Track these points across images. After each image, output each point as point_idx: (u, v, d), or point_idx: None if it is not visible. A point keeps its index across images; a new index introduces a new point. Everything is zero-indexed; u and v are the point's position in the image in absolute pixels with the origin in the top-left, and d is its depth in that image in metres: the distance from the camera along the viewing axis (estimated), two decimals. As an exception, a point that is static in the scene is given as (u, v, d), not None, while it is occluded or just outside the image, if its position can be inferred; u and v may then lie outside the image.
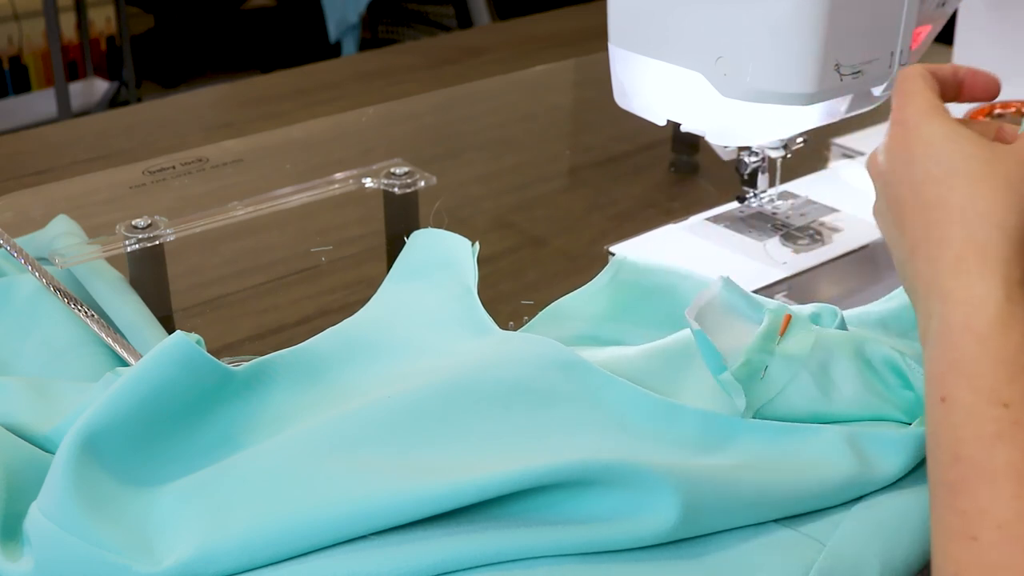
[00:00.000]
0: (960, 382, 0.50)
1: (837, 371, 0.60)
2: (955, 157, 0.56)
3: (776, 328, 0.61)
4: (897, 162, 0.59)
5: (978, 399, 0.49)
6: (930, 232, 0.55)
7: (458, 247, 0.74)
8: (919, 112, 0.59)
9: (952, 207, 0.54)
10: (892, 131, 0.60)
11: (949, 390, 0.50)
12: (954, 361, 0.51)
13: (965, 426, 0.49)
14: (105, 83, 3.02)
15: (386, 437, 0.56)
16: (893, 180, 0.59)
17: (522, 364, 0.61)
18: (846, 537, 0.54)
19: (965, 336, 0.51)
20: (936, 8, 0.82)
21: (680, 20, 0.76)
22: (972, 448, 0.48)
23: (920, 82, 0.61)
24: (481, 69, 1.43)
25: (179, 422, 0.57)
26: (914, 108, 0.59)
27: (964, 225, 0.54)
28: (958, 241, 0.54)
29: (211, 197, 0.97)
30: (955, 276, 0.53)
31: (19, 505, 0.55)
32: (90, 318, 0.72)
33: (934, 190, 0.56)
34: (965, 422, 0.49)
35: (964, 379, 0.50)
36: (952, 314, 0.52)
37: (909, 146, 0.58)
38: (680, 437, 0.58)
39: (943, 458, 0.49)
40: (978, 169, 0.55)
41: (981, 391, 0.49)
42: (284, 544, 0.51)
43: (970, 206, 0.54)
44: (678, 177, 1.08)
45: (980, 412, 0.49)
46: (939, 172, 0.56)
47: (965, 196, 0.55)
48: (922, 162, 0.57)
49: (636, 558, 0.52)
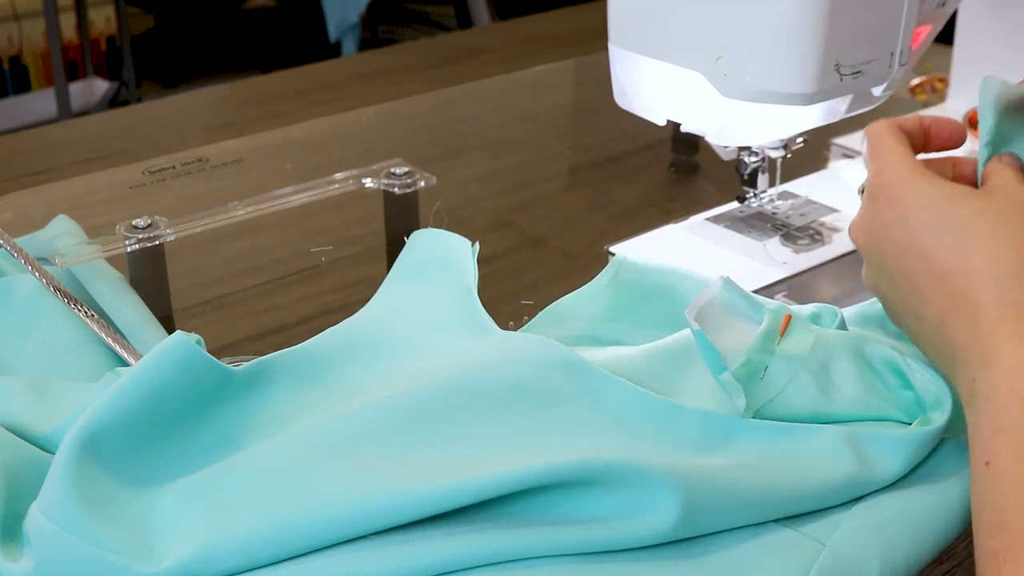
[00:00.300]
0: (1006, 448, 0.50)
1: (837, 371, 0.60)
2: (962, 219, 0.55)
3: (776, 328, 0.61)
4: (895, 232, 0.58)
5: (1023, 466, 0.49)
6: (958, 301, 0.54)
7: (458, 247, 0.74)
8: (902, 176, 0.58)
9: (978, 272, 0.54)
10: (877, 198, 0.59)
11: (994, 456, 0.50)
12: (1000, 427, 0.50)
13: (1010, 493, 0.48)
14: (105, 83, 3.02)
15: (386, 437, 0.56)
16: (894, 252, 0.58)
17: (522, 364, 0.61)
18: (846, 537, 0.54)
19: (1011, 401, 0.50)
20: (936, 8, 0.82)
21: (680, 20, 0.76)
22: (1016, 516, 0.48)
23: (891, 140, 0.60)
24: (481, 69, 1.43)
25: (179, 422, 0.57)
26: (895, 172, 0.58)
27: (996, 288, 0.53)
28: (993, 305, 0.53)
29: (211, 197, 0.97)
30: (997, 341, 0.52)
31: (19, 505, 0.55)
32: (90, 318, 0.72)
33: (951, 257, 0.55)
34: (1011, 489, 0.48)
35: (1010, 445, 0.50)
36: (998, 379, 0.51)
37: (904, 214, 0.57)
38: (680, 437, 0.58)
39: (987, 525, 0.49)
40: (991, 228, 0.55)
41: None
42: (284, 544, 0.51)
43: (996, 267, 0.53)
44: (678, 177, 1.08)
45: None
46: (950, 239, 0.55)
47: (988, 258, 0.54)
48: (926, 230, 0.56)
49: (636, 558, 0.52)
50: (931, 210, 0.56)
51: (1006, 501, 0.48)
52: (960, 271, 0.54)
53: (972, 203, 0.56)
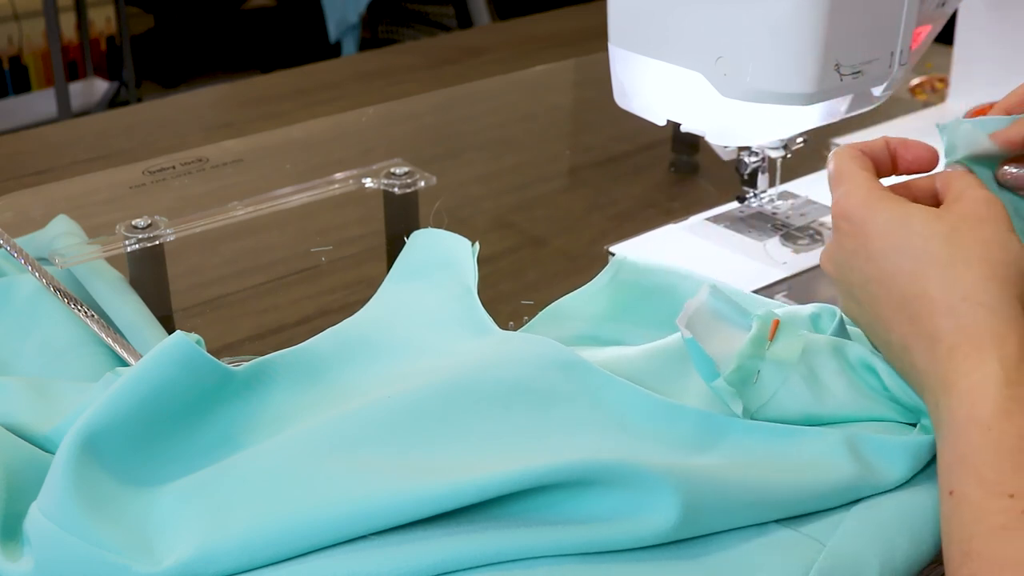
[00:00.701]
0: (966, 475, 0.50)
1: (826, 374, 0.60)
2: (916, 244, 0.56)
3: (765, 334, 0.61)
4: (857, 260, 0.58)
5: (984, 492, 0.49)
6: (917, 327, 0.55)
7: (458, 247, 0.74)
8: (860, 202, 0.58)
9: (932, 298, 0.54)
10: (839, 227, 0.59)
11: (956, 484, 0.50)
12: (961, 455, 0.51)
13: (973, 521, 0.49)
14: (105, 83, 3.02)
15: (386, 437, 0.56)
16: (859, 280, 0.59)
17: (522, 364, 0.61)
18: (846, 537, 0.54)
19: (969, 427, 0.51)
20: (936, 8, 0.82)
21: (680, 20, 0.76)
22: (981, 543, 0.48)
23: (852, 166, 0.61)
24: (481, 69, 1.43)
25: (179, 422, 0.57)
26: (854, 198, 0.59)
27: (949, 314, 0.54)
28: (948, 332, 0.54)
29: (211, 197, 0.97)
30: (953, 368, 0.53)
31: (19, 505, 0.55)
32: (90, 318, 0.72)
33: (907, 284, 0.56)
34: (973, 516, 0.49)
35: (970, 472, 0.50)
36: (956, 406, 0.52)
37: (864, 242, 0.58)
38: (680, 437, 0.58)
39: (955, 554, 0.49)
40: (943, 251, 0.55)
41: (987, 483, 0.49)
42: (284, 544, 0.51)
43: (950, 293, 0.54)
44: (678, 177, 1.08)
45: (986, 505, 0.48)
46: (907, 264, 0.56)
47: (941, 284, 0.54)
48: (885, 257, 0.57)
49: (636, 558, 0.52)
50: (889, 236, 0.57)
51: (971, 528, 0.49)
52: (916, 298, 0.55)
53: (926, 227, 0.56)
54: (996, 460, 0.49)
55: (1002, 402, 0.51)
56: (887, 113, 1.11)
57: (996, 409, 0.50)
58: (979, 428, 0.50)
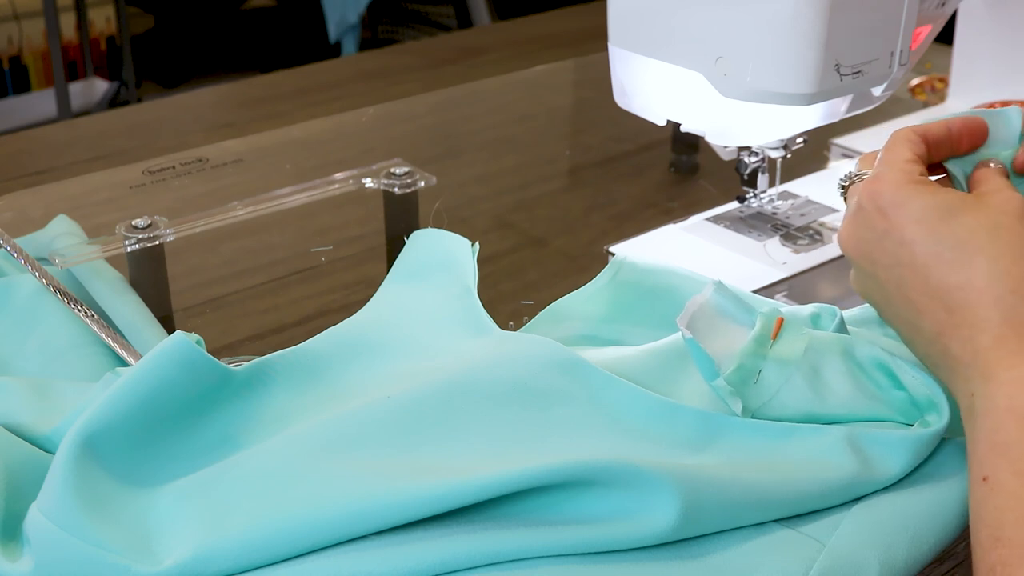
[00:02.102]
0: (1002, 463, 0.50)
1: (829, 373, 0.60)
2: (959, 233, 0.55)
3: (768, 332, 0.61)
4: (887, 242, 0.57)
5: (1020, 480, 0.49)
6: (956, 316, 0.54)
7: (458, 247, 0.74)
8: (897, 186, 0.57)
9: (979, 290, 0.54)
10: (868, 206, 0.58)
11: (991, 471, 0.50)
12: (997, 443, 0.51)
13: (1007, 508, 0.49)
14: (105, 83, 3.02)
15: (386, 437, 0.56)
16: (887, 262, 0.58)
17: (522, 364, 0.61)
18: (846, 537, 0.54)
19: (1008, 417, 0.51)
20: (936, 8, 0.82)
21: (680, 20, 0.76)
22: (1013, 530, 0.48)
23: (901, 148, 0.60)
24: (481, 69, 1.43)
25: (179, 422, 0.57)
26: (888, 180, 0.58)
27: (996, 305, 0.53)
28: (995, 323, 0.53)
29: (211, 197, 0.97)
30: (996, 357, 0.53)
31: (19, 505, 0.55)
32: (90, 318, 0.72)
33: (949, 273, 0.55)
34: (1007, 504, 0.49)
35: (1006, 461, 0.50)
36: (996, 395, 0.52)
37: (899, 225, 0.57)
38: (680, 437, 0.58)
39: (984, 539, 0.49)
40: (989, 243, 0.55)
41: (1022, 472, 0.49)
42: (284, 544, 0.51)
43: (998, 284, 0.54)
44: (678, 177, 1.08)
45: (1021, 493, 0.49)
46: (949, 255, 0.55)
47: (987, 275, 0.54)
48: (921, 243, 0.56)
49: (636, 558, 0.52)
50: (927, 224, 0.56)
51: (1003, 516, 0.49)
52: (958, 288, 0.54)
53: (967, 218, 0.56)
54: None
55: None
56: (887, 113, 1.11)
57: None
58: (1018, 418, 0.50)
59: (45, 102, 2.89)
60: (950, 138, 0.62)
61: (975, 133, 0.62)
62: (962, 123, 0.62)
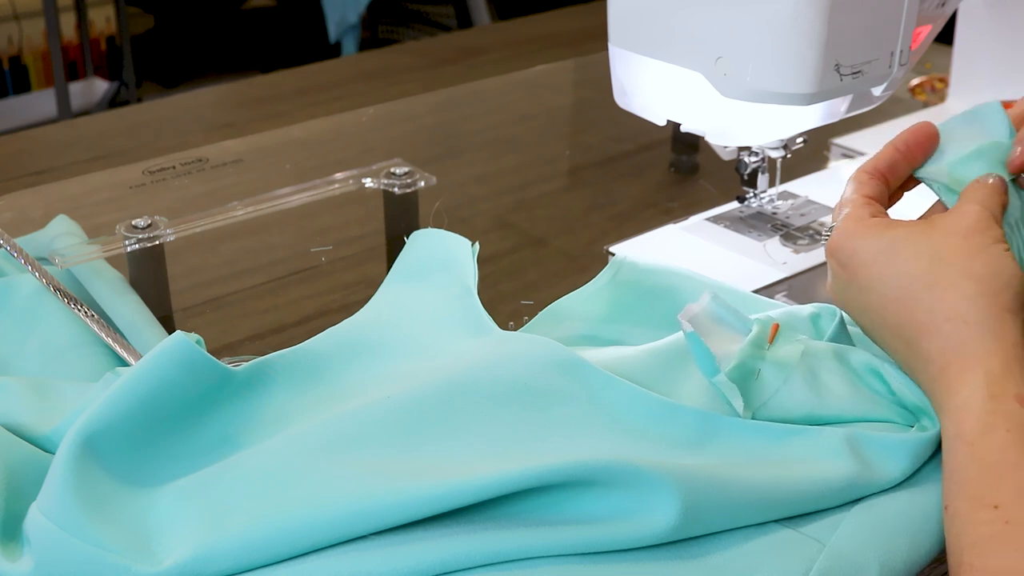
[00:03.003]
0: (956, 490, 0.52)
1: (827, 375, 0.60)
2: (902, 268, 0.57)
3: (764, 336, 0.61)
4: (851, 292, 0.60)
5: (971, 505, 0.50)
6: (912, 350, 0.57)
7: (458, 247, 0.74)
8: (849, 235, 0.60)
9: (920, 322, 0.56)
10: (831, 262, 0.61)
11: (949, 499, 0.52)
12: (951, 471, 0.52)
13: (963, 533, 0.50)
14: (105, 83, 3.02)
15: (386, 437, 0.56)
16: (857, 310, 0.60)
17: (522, 364, 0.61)
18: (846, 537, 0.54)
19: (956, 444, 0.53)
20: (936, 8, 0.82)
21: (680, 20, 0.76)
22: (971, 554, 0.49)
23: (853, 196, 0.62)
24: (481, 69, 1.43)
25: (179, 422, 0.57)
26: (843, 232, 0.60)
27: (937, 336, 0.55)
28: (936, 353, 0.55)
29: (211, 197, 0.97)
30: (944, 387, 0.55)
31: (19, 505, 0.55)
32: (90, 318, 0.72)
33: (897, 311, 0.57)
34: (963, 529, 0.50)
35: (959, 487, 0.52)
36: (946, 424, 0.54)
37: (853, 274, 0.59)
38: (680, 437, 0.58)
39: (953, 566, 0.51)
40: (927, 272, 0.56)
41: (973, 497, 0.51)
42: (283, 544, 0.51)
43: (934, 314, 0.55)
44: (678, 177, 1.08)
45: (973, 517, 0.50)
46: (893, 292, 0.57)
47: (926, 307, 0.56)
48: (873, 287, 0.58)
49: (636, 558, 0.52)
50: (874, 266, 0.58)
51: (961, 541, 0.50)
52: (907, 323, 0.57)
53: (909, 250, 0.57)
54: (980, 474, 0.51)
55: (984, 416, 0.52)
56: (887, 113, 1.11)
57: (978, 424, 0.52)
58: (964, 444, 0.52)
59: (45, 102, 2.89)
60: (903, 155, 0.64)
61: (927, 138, 0.64)
62: (907, 137, 0.64)
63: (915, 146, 0.64)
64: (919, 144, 0.64)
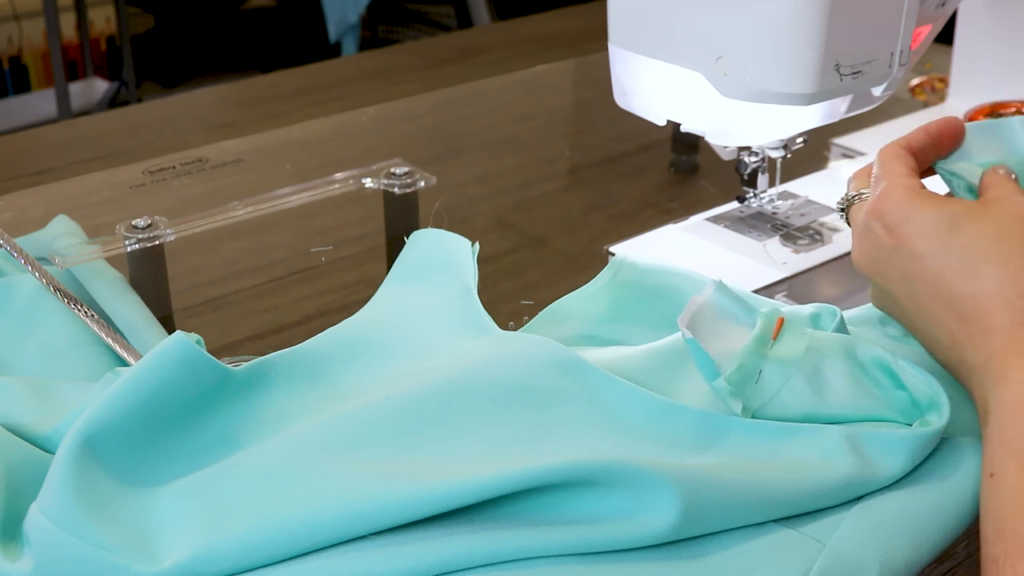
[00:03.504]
0: (1008, 459, 0.51)
1: (830, 373, 0.60)
2: (965, 242, 0.57)
3: (769, 332, 0.61)
4: (897, 258, 0.59)
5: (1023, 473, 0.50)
6: (969, 324, 0.56)
7: (458, 247, 0.74)
8: (900, 201, 0.59)
9: (988, 296, 0.55)
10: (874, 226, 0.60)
11: (998, 466, 0.52)
12: (1004, 439, 0.52)
13: (1011, 501, 0.50)
14: (105, 83, 3.02)
15: (385, 437, 0.56)
16: (899, 277, 0.59)
17: (522, 364, 0.61)
18: (846, 537, 0.54)
19: (1015, 414, 0.52)
20: (936, 8, 0.82)
21: (680, 20, 0.76)
22: (1016, 523, 0.49)
23: (894, 164, 0.62)
24: (481, 69, 1.43)
25: (179, 422, 0.57)
26: (893, 198, 0.60)
27: (1006, 309, 0.55)
28: (1004, 327, 0.55)
29: (211, 197, 0.97)
30: (1007, 360, 0.54)
31: (19, 505, 0.55)
32: (90, 318, 0.72)
33: (958, 283, 0.57)
34: (1011, 497, 0.50)
35: (1011, 455, 0.51)
36: (1004, 394, 0.53)
37: (907, 240, 0.59)
38: (680, 437, 0.58)
39: (990, 532, 0.50)
40: (996, 249, 0.56)
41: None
42: (283, 544, 0.51)
43: (1006, 289, 0.55)
44: (678, 177, 1.08)
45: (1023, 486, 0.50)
46: (957, 264, 0.57)
47: (997, 282, 0.55)
48: (931, 256, 0.58)
49: (636, 558, 0.52)
50: (933, 235, 0.58)
51: (1007, 509, 0.50)
52: (969, 296, 0.56)
53: (973, 226, 0.57)
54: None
55: None
56: (887, 113, 1.11)
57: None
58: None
59: (45, 102, 2.89)
60: (933, 141, 0.64)
61: (954, 132, 0.64)
62: (939, 124, 0.64)
63: (946, 136, 0.64)
64: (949, 135, 0.64)
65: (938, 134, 0.64)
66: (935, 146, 0.64)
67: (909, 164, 0.62)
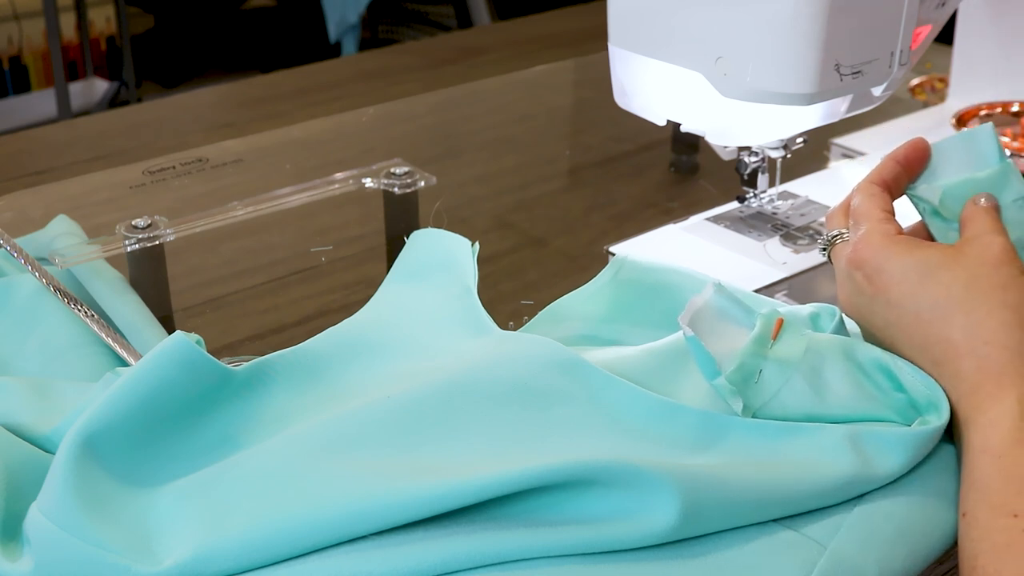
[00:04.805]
0: (977, 499, 0.53)
1: (829, 374, 0.60)
2: (937, 291, 0.59)
3: (768, 332, 0.61)
4: (876, 305, 0.62)
5: (992, 513, 0.52)
6: (941, 368, 0.59)
7: (458, 247, 0.74)
8: (877, 249, 0.62)
9: (955, 344, 0.58)
10: (855, 274, 0.62)
11: (968, 507, 0.54)
12: (973, 481, 0.54)
13: (980, 539, 0.52)
14: (105, 83, 3.02)
15: (386, 437, 0.56)
16: (879, 324, 0.62)
17: (522, 364, 0.61)
18: (847, 539, 0.54)
19: (982, 457, 0.55)
20: (936, 8, 0.82)
21: (680, 20, 0.76)
22: (985, 560, 0.51)
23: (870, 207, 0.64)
24: (481, 69, 1.43)
25: (179, 422, 0.57)
26: (871, 246, 0.62)
27: (972, 356, 0.57)
28: (971, 372, 0.57)
29: (211, 197, 0.97)
30: (975, 405, 0.57)
31: (19, 505, 0.55)
32: (90, 318, 0.72)
33: (930, 329, 0.59)
34: (980, 535, 0.52)
35: (980, 495, 0.53)
36: (973, 437, 0.56)
37: (883, 289, 0.61)
38: (680, 437, 0.58)
39: (965, 571, 0.52)
40: (965, 297, 0.59)
41: (994, 506, 0.52)
42: (283, 544, 0.51)
43: (973, 337, 0.58)
44: (678, 177, 1.08)
45: (991, 525, 0.52)
46: (927, 314, 0.59)
47: (965, 329, 0.58)
48: (905, 303, 0.60)
49: (636, 558, 0.52)
50: (907, 285, 0.60)
51: (978, 547, 0.52)
52: (940, 343, 0.59)
53: (945, 274, 0.59)
54: (1003, 485, 0.53)
55: (1015, 433, 0.54)
56: (887, 113, 1.11)
57: (1008, 439, 0.54)
58: (990, 456, 0.54)
59: (45, 102, 2.89)
60: (904, 168, 0.66)
61: (921, 153, 0.66)
62: (906, 149, 0.66)
63: (913, 160, 0.66)
64: (916, 158, 0.66)
65: (906, 160, 0.66)
66: (907, 172, 0.66)
67: (885, 205, 0.64)
